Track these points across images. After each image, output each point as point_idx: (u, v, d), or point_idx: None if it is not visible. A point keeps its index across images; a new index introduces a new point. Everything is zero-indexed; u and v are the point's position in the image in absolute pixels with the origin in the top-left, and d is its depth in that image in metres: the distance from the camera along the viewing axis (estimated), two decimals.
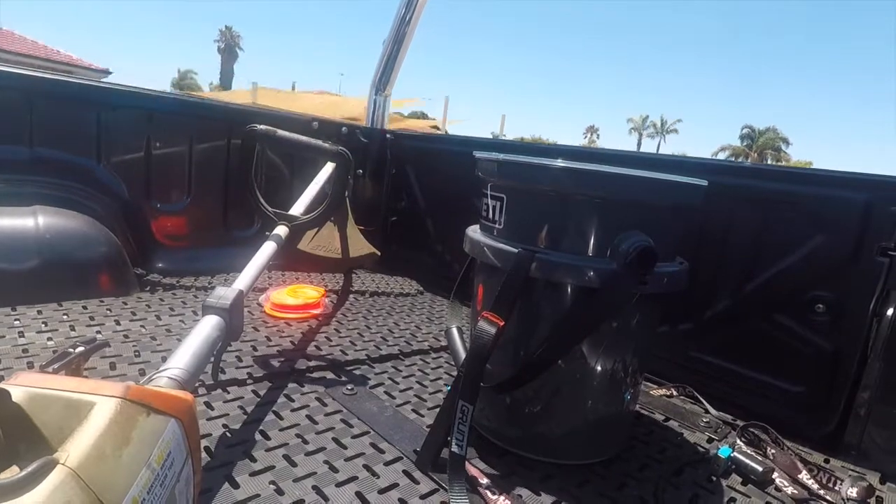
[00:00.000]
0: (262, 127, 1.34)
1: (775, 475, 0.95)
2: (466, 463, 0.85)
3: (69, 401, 0.48)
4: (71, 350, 0.70)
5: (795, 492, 0.92)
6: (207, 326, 0.87)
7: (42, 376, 0.51)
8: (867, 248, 1.08)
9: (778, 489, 0.93)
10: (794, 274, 1.18)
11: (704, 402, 1.22)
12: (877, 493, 0.95)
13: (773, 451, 1.01)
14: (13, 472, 0.41)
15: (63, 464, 0.42)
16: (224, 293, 0.94)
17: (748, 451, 0.99)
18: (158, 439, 0.52)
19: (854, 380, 1.09)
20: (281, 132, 1.36)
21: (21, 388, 0.48)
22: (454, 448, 0.81)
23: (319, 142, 1.41)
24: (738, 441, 1.05)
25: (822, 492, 0.92)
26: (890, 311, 1.03)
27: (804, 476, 0.95)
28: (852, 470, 1.03)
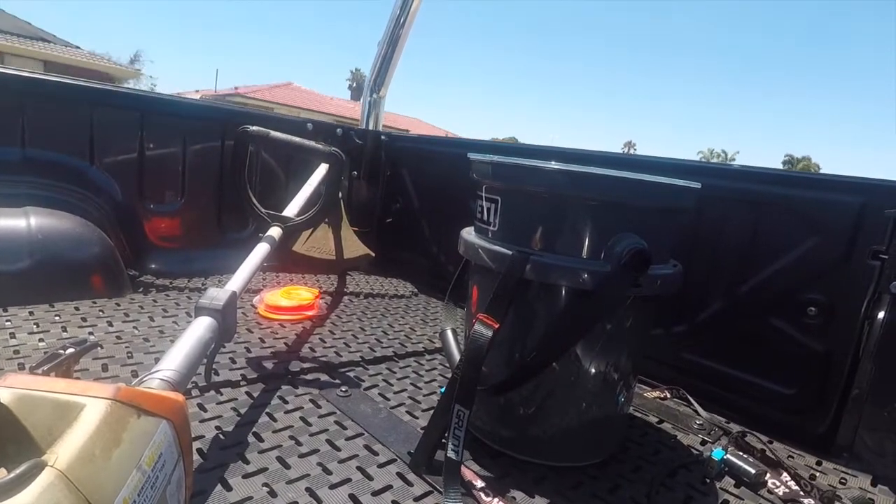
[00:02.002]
0: (255, 128, 1.33)
1: (768, 477, 0.95)
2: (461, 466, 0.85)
3: (58, 402, 0.47)
4: (61, 351, 0.69)
5: (787, 492, 0.92)
6: (200, 328, 0.86)
7: (31, 378, 0.50)
8: (859, 251, 1.09)
9: (770, 491, 0.93)
10: (786, 276, 1.19)
11: (695, 403, 1.22)
12: (868, 495, 0.96)
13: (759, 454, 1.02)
14: (1, 475, 0.40)
15: (52, 466, 0.41)
16: (217, 294, 0.93)
17: (741, 454, 1.00)
18: (149, 441, 0.51)
19: (846, 382, 1.10)
20: (274, 133, 1.35)
21: (9, 389, 0.48)
22: (450, 453, 0.81)
23: (313, 143, 1.41)
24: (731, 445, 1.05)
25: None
26: (881, 314, 1.04)
27: (788, 481, 0.95)
28: (844, 472, 1.03)
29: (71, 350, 0.70)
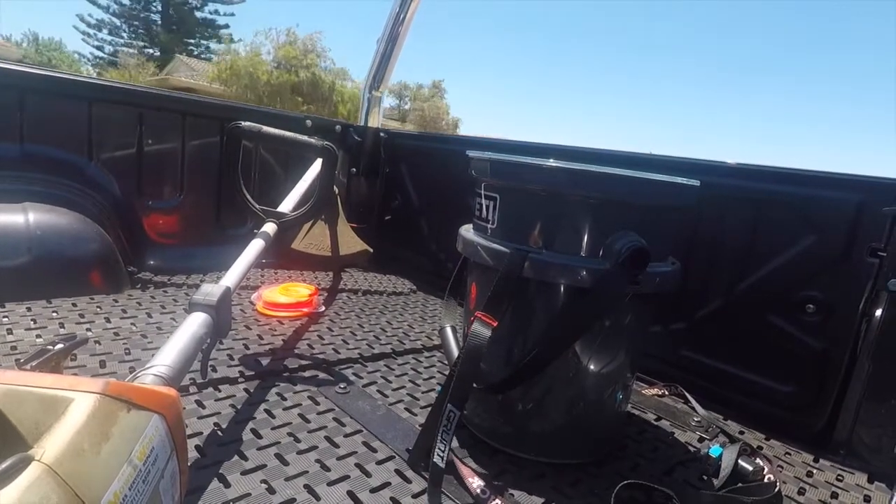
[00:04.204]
0: (247, 124, 1.32)
1: (766, 473, 0.95)
2: (458, 462, 0.85)
3: (45, 397, 0.47)
4: (50, 347, 0.68)
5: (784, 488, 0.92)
6: (194, 324, 0.86)
7: (17, 373, 0.50)
8: (857, 248, 1.09)
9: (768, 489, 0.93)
10: (784, 274, 1.19)
11: (693, 401, 1.22)
12: (865, 492, 0.96)
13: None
14: None
15: (38, 460, 0.41)
16: (211, 290, 0.93)
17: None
18: (140, 435, 0.51)
19: (843, 379, 1.10)
20: (266, 129, 1.34)
21: None
22: (435, 458, 0.79)
23: (305, 137, 1.39)
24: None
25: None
26: (879, 311, 1.04)
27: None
28: (841, 469, 1.03)
29: (60, 346, 0.70)
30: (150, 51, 23.03)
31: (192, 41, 23.56)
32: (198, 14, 23.23)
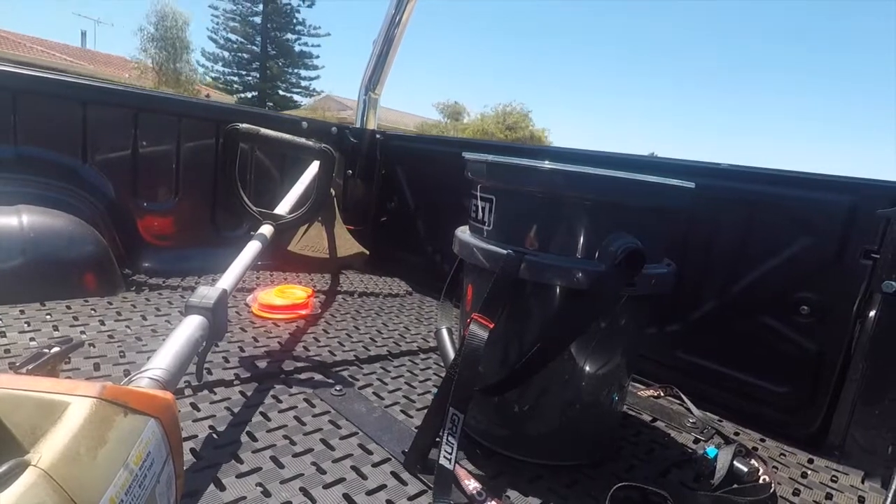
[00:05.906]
0: (245, 125, 1.32)
1: (761, 474, 0.96)
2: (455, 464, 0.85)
3: (42, 401, 0.46)
4: (46, 350, 0.68)
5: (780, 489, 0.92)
6: (190, 326, 0.86)
7: (13, 377, 0.50)
8: (851, 250, 1.10)
9: (764, 490, 0.93)
10: (779, 276, 1.19)
11: (688, 402, 1.23)
12: (859, 492, 0.96)
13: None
14: None
15: (35, 465, 0.41)
16: (207, 293, 0.92)
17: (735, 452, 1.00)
18: (136, 439, 0.50)
19: (838, 380, 1.10)
20: (264, 131, 1.34)
21: None
22: (442, 461, 0.79)
23: (303, 140, 1.39)
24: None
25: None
26: (873, 313, 1.05)
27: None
28: (835, 469, 1.04)
29: (56, 349, 0.69)
30: (249, 79, 27.97)
31: (288, 70, 28.72)
32: (295, 47, 28.43)
